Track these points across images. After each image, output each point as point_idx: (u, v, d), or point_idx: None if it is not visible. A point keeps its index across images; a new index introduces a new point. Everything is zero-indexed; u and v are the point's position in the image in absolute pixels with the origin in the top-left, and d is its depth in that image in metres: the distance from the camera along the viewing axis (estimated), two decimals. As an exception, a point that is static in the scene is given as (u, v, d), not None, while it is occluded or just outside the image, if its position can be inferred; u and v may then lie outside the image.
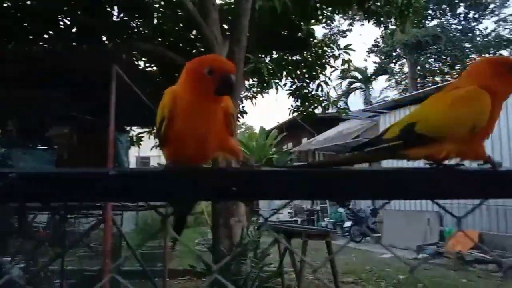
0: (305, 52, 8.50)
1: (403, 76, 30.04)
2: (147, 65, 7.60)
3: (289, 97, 9.05)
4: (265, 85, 8.63)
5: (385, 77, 30.87)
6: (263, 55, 8.36)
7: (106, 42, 6.70)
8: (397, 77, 30.72)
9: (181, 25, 7.21)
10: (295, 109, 9.11)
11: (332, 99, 9.28)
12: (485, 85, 0.89)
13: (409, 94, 16.09)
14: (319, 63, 8.64)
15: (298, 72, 8.71)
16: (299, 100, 8.96)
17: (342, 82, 29.16)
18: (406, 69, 29.03)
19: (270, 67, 7.94)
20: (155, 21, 7.23)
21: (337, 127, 18.83)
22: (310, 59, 8.59)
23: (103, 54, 4.35)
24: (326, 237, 5.50)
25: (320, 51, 8.55)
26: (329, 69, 8.88)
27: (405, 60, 28.04)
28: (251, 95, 9.28)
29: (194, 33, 7.31)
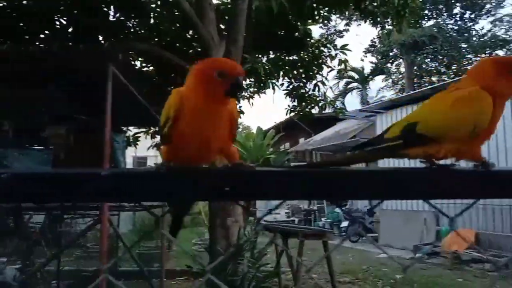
0: (302, 52, 8.49)
1: (400, 76, 30.14)
2: (143, 65, 7.59)
3: (286, 97, 9.04)
4: (262, 85, 8.62)
5: (382, 77, 31.02)
6: (260, 55, 8.36)
7: (102, 42, 6.68)
8: (393, 77, 30.83)
9: (178, 25, 7.19)
10: (292, 109, 9.10)
11: (329, 99, 9.28)
12: (487, 86, 0.88)
13: (405, 94, 16.10)
14: (316, 63, 8.64)
15: (295, 72, 8.71)
16: (296, 100, 8.95)
17: (339, 82, 29.31)
18: (402, 69, 29.12)
19: (267, 67, 7.93)
20: (152, 21, 7.21)
21: (334, 127, 18.86)
22: (307, 59, 8.58)
23: (100, 54, 4.33)
24: (322, 237, 5.51)
25: (317, 51, 8.54)
26: (326, 69, 8.90)
27: (402, 60, 28.12)
28: (248, 95, 9.27)
29: (190, 33, 7.30)
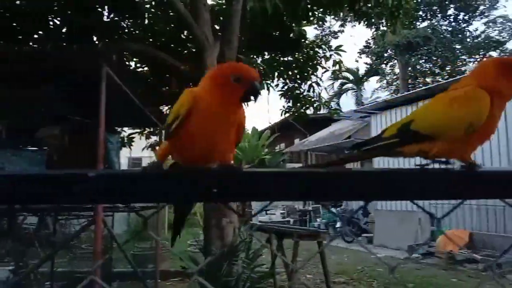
0: (297, 53, 8.51)
1: (394, 77, 30.25)
2: (138, 65, 7.57)
3: (281, 98, 9.05)
4: (257, 86, 8.61)
5: (377, 78, 31.12)
6: (254, 56, 8.36)
7: (96, 42, 6.65)
8: (388, 78, 30.95)
9: (172, 25, 7.18)
10: (287, 110, 9.11)
11: (323, 100, 9.30)
12: (487, 86, 0.89)
13: (400, 94, 16.19)
14: (310, 64, 8.65)
15: (289, 73, 8.71)
16: (291, 101, 8.95)
17: (334, 83, 29.34)
18: (397, 70, 29.23)
19: (261, 68, 7.94)
20: (146, 22, 7.20)
21: (329, 127, 18.89)
22: (301, 60, 8.59)
23: (94, 54, 4.31)
24: (317, 237, 5.51)
25: (311, 52, 8.56)
26: (320, 70, 8.91)
27: (396, 61, 28.23)
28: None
29: (185, 33, 7.29)
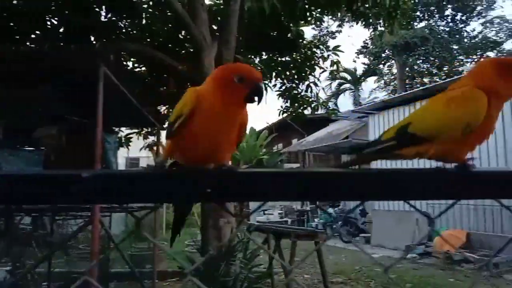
0: (295, 53, 8.51)
1: (392, 77, 30.29)
2: (135, 65, 7.56)
3: (278, 98, 9.06)
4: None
5: (374, 78, 31.16)
6: (252, 56, 8.37)
7: (94, 42, 6.64)
8: (386, 78, 30.98)
9: (170, 25, 7.18)
10: (285, 110, 9.12)
11: (321, 100, 9.31)
12: (484, 86, 0.88)
13: (397, 95, 16.20)
14: (308, 64, 8.66)
15: (287, 73, 8.72)
16: (289, 101, 8.97)
17: (331, 83, 29.40)
18: (394, 70, 29.27)
19: (259, 68, 7.94)
20: (144, 22, 7.19)
21: (326, 128, 18.89)
22: (299, 60, 8.60)
23: (91, 54, 4.30)
24: (315, 237, 5.52)
25: (309, 52, 8.57)
26: (318, 70, 8.92)
27: (394, 61, 28.28)
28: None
29: (183, 33, 7.28)
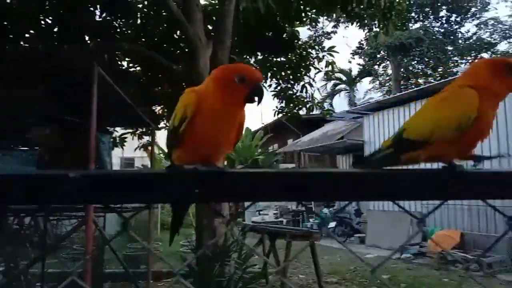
0: (290, 53, 8.52)
1: (387, 78, 30.39)
2: (130, 65, 7.54)
3: (274, 98, 9.06)
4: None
5: (369, 79, 31.27)
6: (247, 56, 8.36)
7: (88, 42, 6.62)
8: (381, 79, 31.09)
9: (165, 25, 7.16)
10: (280, 110, 9.12)
11: (316, 101, 9.32)
12: (479, 86, 0.88)
13: (392, 95, 16.28)
14: (303, 64, 8.66)
15: (282, 73, 8.72)
16: (284, 101, 8.96)
17: (326, 83, 29.44)
18: (389, 71, 29.38)
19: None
20: (139, 21, 7.17)
21: (322, 128, 18.92)
22: (294, 60, 8.59)
23: (85, 54, 4.30)
24: (310, 237, 5.53)
25: (304, 52, 8.57)
26: (313, 71, 8.93)
27: (389, 62, 28.38)
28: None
29: (178, 33, 7.27)
